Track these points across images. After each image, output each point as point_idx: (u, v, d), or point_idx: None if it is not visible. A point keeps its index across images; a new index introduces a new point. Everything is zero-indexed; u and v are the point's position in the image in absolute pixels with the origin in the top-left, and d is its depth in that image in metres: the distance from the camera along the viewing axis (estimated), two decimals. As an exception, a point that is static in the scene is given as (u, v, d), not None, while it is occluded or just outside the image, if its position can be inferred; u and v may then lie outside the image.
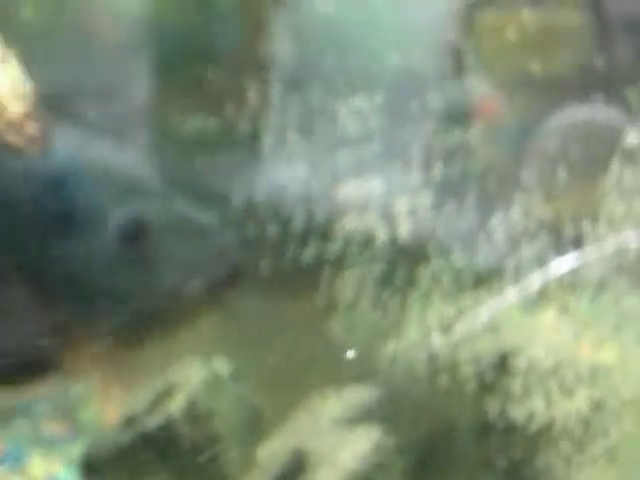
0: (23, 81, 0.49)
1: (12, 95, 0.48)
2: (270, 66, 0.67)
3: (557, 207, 0.65)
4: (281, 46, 0.68)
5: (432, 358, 0.59)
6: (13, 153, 0.48)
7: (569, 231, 0.64)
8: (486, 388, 0.60)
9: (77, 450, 0.69)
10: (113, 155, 0.59)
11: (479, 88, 0.69)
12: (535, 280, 0.63)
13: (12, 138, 0.48)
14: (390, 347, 0.59)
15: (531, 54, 0.69)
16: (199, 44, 0.70)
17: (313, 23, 0.69)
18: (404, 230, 0.58)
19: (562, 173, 0.65)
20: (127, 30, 0.72)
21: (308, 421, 0.58)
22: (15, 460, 0.69)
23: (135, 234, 0.54)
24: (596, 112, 0.66)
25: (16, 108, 0.48)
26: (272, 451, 0.57)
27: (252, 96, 0.63)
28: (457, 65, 0.69)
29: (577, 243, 0.63)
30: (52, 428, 0.71)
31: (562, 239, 0.63)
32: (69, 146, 0.55)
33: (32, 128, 0.48)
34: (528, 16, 0.69)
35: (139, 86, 0.70)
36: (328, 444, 0.57)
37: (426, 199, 0.58)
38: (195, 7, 0.72)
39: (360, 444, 0.57)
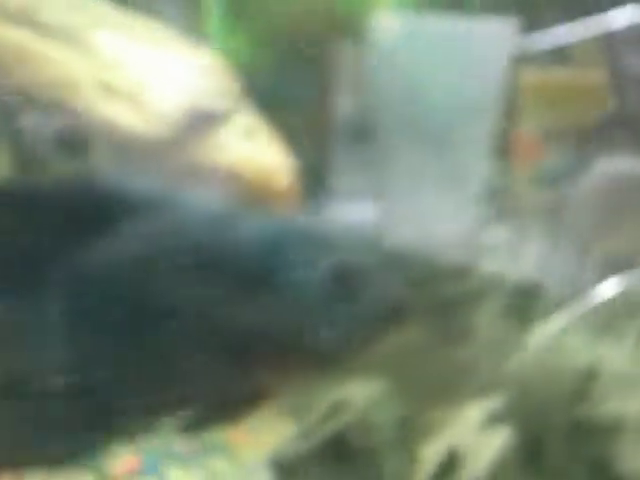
0: (286, 156, 0.58)
1: (279, 169, 0.58)
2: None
3: (608, 246, 0.80)
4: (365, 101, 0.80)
5: (539, 371, 0.73)
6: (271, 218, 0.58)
7: (620, 264, 0.79)
8: (577, 393, 0.75)
9: (211, 465, 0.77)
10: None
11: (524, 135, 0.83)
12: (600, 304, 0.78)
13: (276, 208, 0.58)
14: (509, 365, 0.72)
15: (562, 107, 0.84)
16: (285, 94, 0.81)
17: (391, 79, 0.81)
18: (524, 271, 0.72)
19: (610, 217, 0.81)
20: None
21: (454, 426, 0.71)
22: (156, 471, 0.76)
23: (342, 279, 0.65)
24: (635, 164, 0.82)
25: (282, 181, 0.57)
26: (427, 454, 0.70)
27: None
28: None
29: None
30: (181, 445, 0.78)
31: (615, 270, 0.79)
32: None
33: (293, 197, 0.58)
34: (559, 73, 0.84)
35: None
36: (471, 444, 0.70)
37: (541, 245, 0.72)
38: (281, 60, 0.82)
39: (494, 443, 0.71)
